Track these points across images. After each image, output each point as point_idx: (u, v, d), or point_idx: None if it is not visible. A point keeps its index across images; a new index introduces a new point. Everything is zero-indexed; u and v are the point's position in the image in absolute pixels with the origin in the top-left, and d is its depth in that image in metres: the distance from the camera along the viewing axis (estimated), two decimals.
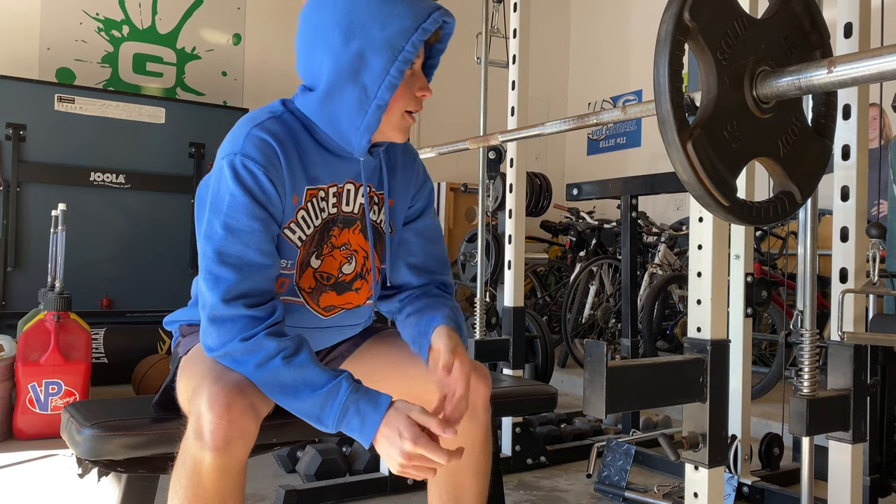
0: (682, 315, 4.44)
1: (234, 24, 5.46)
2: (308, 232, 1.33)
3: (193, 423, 1.11)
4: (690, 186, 1.04)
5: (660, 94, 1.01)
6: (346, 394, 1.16)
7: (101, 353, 3.85)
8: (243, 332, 1.18)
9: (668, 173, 2.63)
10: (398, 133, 1.34)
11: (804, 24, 1.15)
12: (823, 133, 1.21)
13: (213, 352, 1.21)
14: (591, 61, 7.14)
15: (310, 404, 1.16)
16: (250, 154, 1.23)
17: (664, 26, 1.01)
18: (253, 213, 1.23)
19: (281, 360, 1.17)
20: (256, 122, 1.27)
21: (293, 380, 1.17)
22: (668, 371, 1.39)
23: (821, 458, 1.57)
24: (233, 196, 1.22)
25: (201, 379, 1.16)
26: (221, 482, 1.11)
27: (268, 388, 1.18)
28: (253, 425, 1.13)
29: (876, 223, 1.52)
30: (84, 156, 4.13)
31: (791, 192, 1.15)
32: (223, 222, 1.22)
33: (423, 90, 1.31)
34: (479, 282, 2.65)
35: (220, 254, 1.21)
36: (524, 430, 2.62)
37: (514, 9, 2.59)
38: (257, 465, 2.52)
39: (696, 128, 1.02)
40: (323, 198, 1.34)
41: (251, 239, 1.22)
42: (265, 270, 1.24)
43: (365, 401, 1.16)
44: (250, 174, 1.23)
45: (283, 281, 1.33)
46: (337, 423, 1.16)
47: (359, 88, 1.25)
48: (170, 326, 1.50)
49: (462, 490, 1.36)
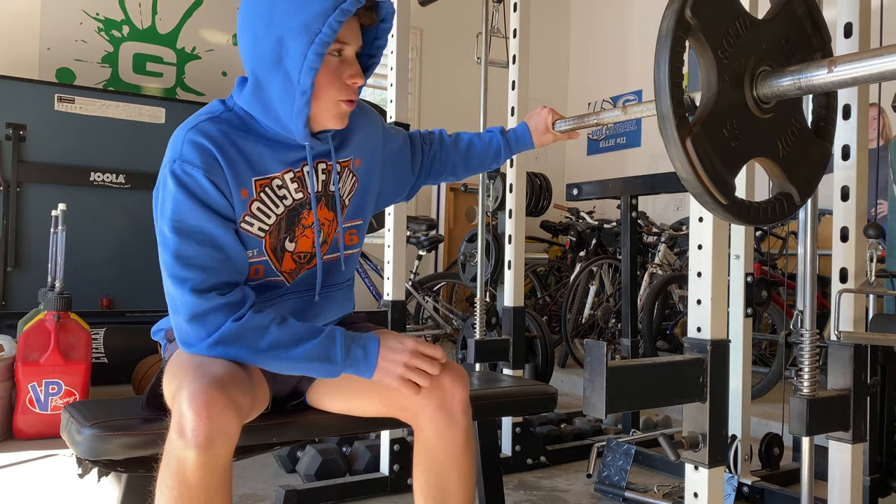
0: (682, 315, 4.44)
1: (234, 24, 5.44)
2: (269, 222, 1.33)
3: (175, 423, 1.11)
4: (689, 184, 1.04)
5: (660, 89, 1.01)
6: (342, 335, 1.27)
7: (101, 353, 3.85)
8: (230, 316, 1.22)
9: (668, 173, 2.63)
10: (333, 120, 1.32)
11: (805, 26, 1.15)
12: (823, 136, 1.21)
13: (198, 345, 1.23)
14: (591, 61, 7.14)
15: (314, 349, 1.24)
16: (188, 158, 1.24)
17: (665, 23, 1.01)
18: (198, 214, 1.24)
19: (276, 326, 1.24)
20: (191, 125, 1.28)
21: (293, 336, 1.24)
22: (668, 371, 1.39)
23: (821, 458, 1.57)
24: (176, 201, 1.24)
25: (181, 378, 1.17)
26: (206, 480, 1.10)
27: (268, 356, 1.23)
28: (234, 421, 1.13)
29: (873, 223, 1.52)
30: (84, 156, 4.13)
31: (790, 194, 1.15)
32: (172, 227, 1.24)
33: (354, 77, 1.29)
34: (479, 282, 2.65)
35: (178, 257, 1.23)
36: (524, 430, 2.62)
37: (514, 9, 2.59)
38: (257, 465, 2.53)
39: (695, 125, 1.02)
40: (280, 185, 1.34)
41: (203, 238, 1.24)
42: (226, 264, 1.26)
43: (359, 337, 1.28)
44: (190, 178, 1.24)
45: (256, 268, 1.35)
46: (343, 358, 1.26)
47: (283, 75, 1.25)
48: (156, 336, 1.50)
49: (448, 493, 1.35)
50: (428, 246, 4.70)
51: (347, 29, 1.26)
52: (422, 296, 4.57)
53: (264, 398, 1.30)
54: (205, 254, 1.24)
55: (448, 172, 1.71)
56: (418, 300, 4.56)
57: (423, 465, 1.37)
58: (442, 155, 1.69)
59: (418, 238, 4.69)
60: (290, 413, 1.41)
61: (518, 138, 1.72)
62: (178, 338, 1.26)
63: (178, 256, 1.23)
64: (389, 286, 2.41)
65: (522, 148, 1.73)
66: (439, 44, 6.34)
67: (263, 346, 1.23)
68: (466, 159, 1.71)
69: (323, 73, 1.26)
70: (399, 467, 2.30)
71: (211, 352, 1.22)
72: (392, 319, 2.39)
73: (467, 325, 3.55)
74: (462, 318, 4.46)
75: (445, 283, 5.06)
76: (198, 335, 1.22)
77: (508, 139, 1.71)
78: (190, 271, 1.23)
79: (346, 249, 1.47)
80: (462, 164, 1.71)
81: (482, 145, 1.71)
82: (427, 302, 4.62)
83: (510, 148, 1.72)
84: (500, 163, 1.75)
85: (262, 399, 1.28)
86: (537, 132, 1.72)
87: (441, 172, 1.70)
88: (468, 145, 1.71)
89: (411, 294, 4.53)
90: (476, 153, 1.71)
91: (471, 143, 1.71)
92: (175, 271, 1.23)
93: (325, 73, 1.26)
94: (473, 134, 1.72)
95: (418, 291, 4.56)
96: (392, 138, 1.59)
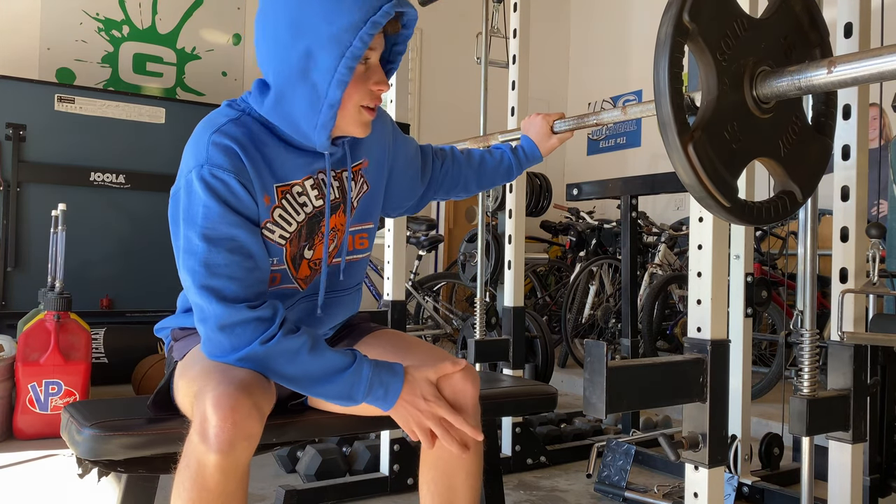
0: (682, 315, 4.44)
1: (234, 24, 5.46)
2: (290, 229, 1.32)
3: (198, 426, 1.11)
4: (692, 188, 1.04)
5: (660, 96, 1.01)
6: (370, 370, 1.24)
7: (101, 353, 3.85)
8: (259, 335, 1.19)
9: (668, 173, 2.63)
10: (356, 128, 1.32)
11: (803, 23, 1.16)
12: (824, 132, 1.21)
13: (223, 357, 1.21)
14: (591, 61, 7.14)
15: (340, 387, 1.23)
16: (217, 162, 1.22)
17: (663, 28, 1.01)
18: (229, 220, 1.22)
19: (307, 354, 1.22)
20: (215, 127, 1.25)
21: (321, 369, 1.23)
22: (668, 371, 1.39)
23: (821, 458, 1.57)
24: (206, 207, 1.21)
25: (205, 381, 1.16)
26: (225, 484, 1.10)
27: (298, 382, 1.23)
28: (257, 427, 1.13)
29: (875, 223, 1.52)
30: (84, 156, 4.13)
31: (792, 192, 1.15)
32: (201, 234, 1.21)
33: (380, 84, 1.28)
34: (479, 282, 2.65)
35: (208, 266, 1.21)
36: (524, 430, 2.62)
37: (514, 9, 2.59)
38: (257, 465, 2.52)
39: (696, 130, 1.02)
40: (300, 192, 1.33)
41: (233, 246, 1.22)
42: (255, 273, 1.24)
43: (385, 372, 1.25)
44: (221, 182, 1.21)
45: (273, 276, 1.34)
46: (365, 397, 1.24)
47: (309, 87, 1.23)
48: (160, 333, 1.49)
49: (454, 492, 1.35)
50: (428, 246, 4.70)
51: (375, 38, 1.24)
52: (422, 296, 4.57)
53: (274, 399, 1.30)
54: (235, 262, 1.21)
55: (460, 188, 1.72)
56: (418, 300, 4.56)
57: (429, 462, 1.36)
58: (454, 170, 1.70)
59: (418, 238, 4.69)
60: (290, 413, 1.41)
61: (527, 153, 1.74)
62: (204, 346, 1.24)
63: (207, 265, 1.21)
64: (389, 286, 2.41)
65: (532, 162, 1.76)
66: (439, 44, 6.34)
67: (289, 374, 1.22)
68: (479, 175, 1.72)
69: (350, 83, 1.24)
70: (399, 467, 2.29)
71: (240, 363, 1.21)
72: (392, 319, 2.39)
73: (467, 325, 3.55)
74: (462, 318, 4.46)
75: (445, 283, 5.06)
76: (224, 347, 1.21)
77: (518, 156, 1.74)
78: (219, 280, 1.20)
79: (355, 253, 1.46)
80: (474, 180, 1.73)
81: (494, 162, 1.73)
82: (427, 302, 4.62)
83: (520, 164, 1.74)
84: (510, 179, 1.78)
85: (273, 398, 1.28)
86: (541, 141, 1.74)
87: (453, 187, 1.71)
88: (480, 161, 1.72)
89: (411, 294, 4.53)
90: (488, 169, 1.73)
91: (483, 159, 1.73)
92: (204, 280, 1.20)
93: (352, 83, 1.25)
94: (484, 150, 1.75)
95: (418, 291, 4.56)
96: (404, 144, 1.58)
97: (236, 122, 1.27)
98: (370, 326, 1.56)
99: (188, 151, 1.27)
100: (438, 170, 1.68)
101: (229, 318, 1.19)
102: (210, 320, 1.20)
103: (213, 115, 1.30)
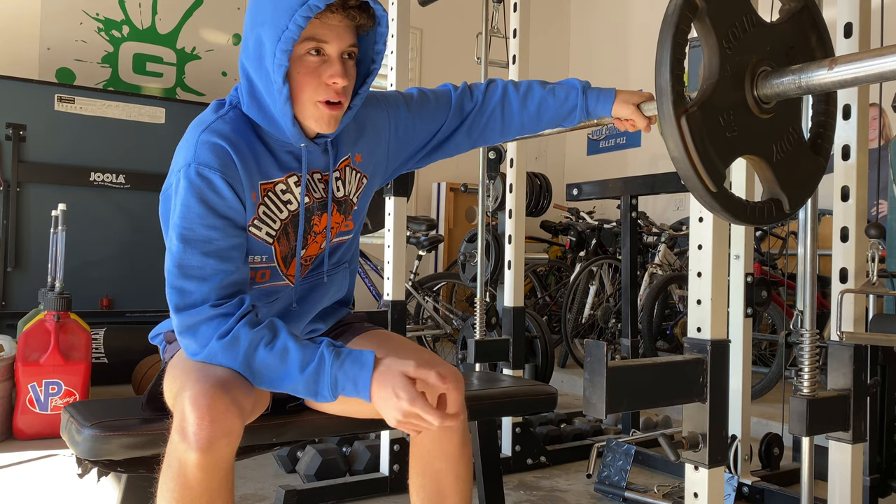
0: (682, 315, 4.44)
1: (234, 24, 5.46)
2: (275, 226, 1.32)
3: (177, 425, 1.11)
4: (679, 163, 1.03)
5: (661, 65, 1.01)
6: (331, 364, 1.18)
7: (101, 353, 3.85)
8: (218, 330, 1.19)
9: (668, 173, 2.63)
10: (318, 124, 1.26)
11: (811, 39, 1.16)
12: (819, 152, 1.21)
13: (195, 356, 1.22)
14: (591, 61, 7.14)
15: (303, 385, 1.19)
16: (203, 160, 1.22)
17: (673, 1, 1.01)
18: (208, 222, 1.22)
19: (264, 348, 1.19)
20: (204, 125, 1.26)
21: (280, 366, 1.19)
22: (668, 371, 1.39)
23: (821, 458, 1.57)
24: (186, 207, 1.21)
25: (184, 379, 1.17)
26: (208, 482, 1.10)
27: (258, 378, 1.20)
28: (237, 423, 1.12)
29: (875, 223, 1.52)
30: (84, 156, 4.13)
31: (779, 200, 1.15)
32: (179, 235, 1.22)
33: (334, 77, 1.22)
34: (479, 282, 2.65)
35: (181, 267, 1.21)
36: (524, 430, 2.62)
37: (514, 9, 2.59)
38: (257, 465, 2.52)
39: (692, 106, 1.02)
40: (284, 190, 1.32)
41: (209, 248, 1.21)
42: (228, 276, 1.23)
43: (349, 363, 1.18)
44: (205, 181, 1.21)
45: (263, 272, 1.34)
46: (333, 394, 1.19)
47: (265, 74, 1.22)
48: (155, 341, 1.49)
49: (444, 496, 1.35)
50: (428, 246, 4.70)
51: (327, 28, 1.21)
52: (422, 296, 4.57)
53: (265, 399, 1.30)
54: (209, 265, 1.21)
55: (513, 130, 1.51)
56: (418, 300, 4.56)
57: (418, 467, 1.37)
58: (505, 109, 1.49)
59: (418, 238, 4.69)
60: (290, 413, 1.41)
61: (600, 98, 1.45)
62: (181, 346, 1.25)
63: (180, 266, 1.21)
64: (389, 286, 2.41)
65: (601, 113, 1.46)
66: (439, 44, 6.34)
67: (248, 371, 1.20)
68: (537, 119, 1.50)
69: (300, 72, 1.22)
70: (399, 467, 2.30)
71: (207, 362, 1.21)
72: (392, 319, 2.39)
73: (467, 325, 3.55)
74: (462, 318, 4.46)
75: (445, 283, 5.06)
76: (192, 348, 1.22)
77: (588, 99, 1.46)
78: (188, 281, 1.21)
79: (341, 235, 1.45)
80: (531, 123, 1.50)
81: (556, 104, 1.47)
82: (427, 302, 4.61)
83: (587, 110, 1.46)
84: (572, 123, 1.51)
85: (263, 400, 1.28)
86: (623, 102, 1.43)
87: (505, 130, 1.51)
88: (539, 105, 1.48)
89: (411, 294, 4.53)
90: (547, 112, 1.48)
91: (543, 101, 1.48)
92: (175, 281, 1.22)
93: (303, 73, 1.22)
94: (547, 88, 1.48)
95: (418, 291, 4.56)
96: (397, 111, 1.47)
97: (224, 118, 1.28)
98: (364, 326, 1.55)
99: (179, 151, 1.28)
100: (472, 112, 1.50)
101: (191, 320, 1.20)
102: (176, 323, 1.22)
103: (203, 114, 1.31)
